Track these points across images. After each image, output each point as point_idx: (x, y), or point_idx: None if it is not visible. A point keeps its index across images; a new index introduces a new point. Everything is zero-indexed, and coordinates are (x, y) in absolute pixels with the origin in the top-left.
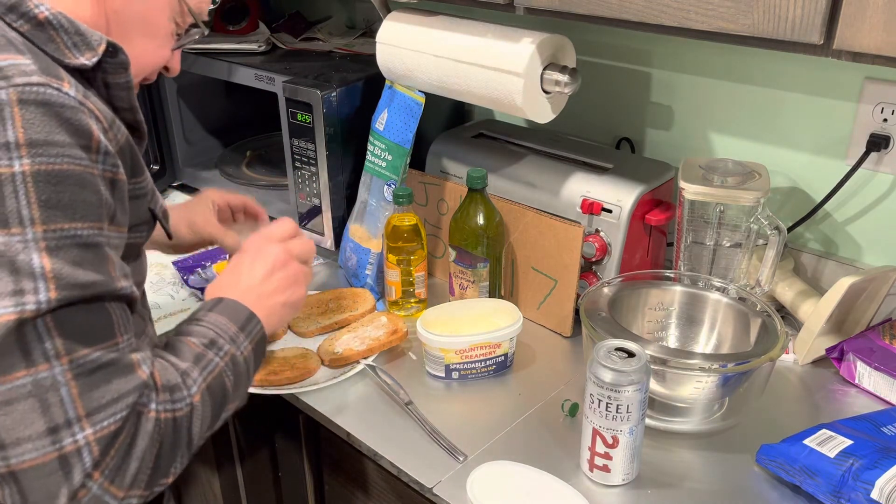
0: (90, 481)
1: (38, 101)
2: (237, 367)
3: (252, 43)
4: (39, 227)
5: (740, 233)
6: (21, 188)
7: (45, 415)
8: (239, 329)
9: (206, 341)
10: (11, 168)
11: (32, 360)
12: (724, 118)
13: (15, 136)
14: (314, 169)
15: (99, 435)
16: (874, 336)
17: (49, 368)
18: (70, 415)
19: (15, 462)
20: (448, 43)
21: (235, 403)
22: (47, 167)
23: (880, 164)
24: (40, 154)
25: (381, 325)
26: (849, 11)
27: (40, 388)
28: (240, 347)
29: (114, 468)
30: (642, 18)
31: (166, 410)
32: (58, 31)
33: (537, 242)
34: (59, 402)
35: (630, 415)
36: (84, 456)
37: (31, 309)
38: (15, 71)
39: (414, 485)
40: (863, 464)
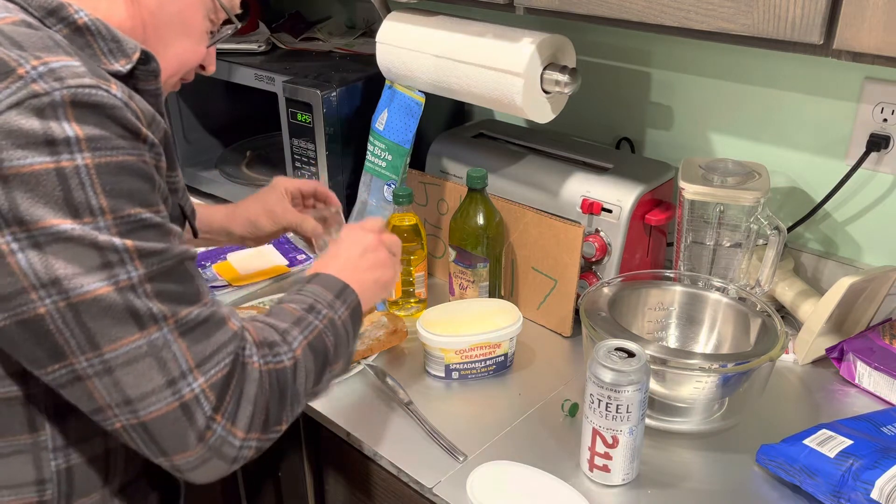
0: (214, 423)
1: (90, 102)
2: (336, 329)
3: (252, 43)
4: (109, 215)
5: (740, 233)
6: (87, 180)
7: (162, 370)
8: (335, 297)
9: (305, 306)
10: (74, 161)
11: (143, 323)
12: (724, 118)
13: (74, 132)
14: (314, 169)
15: (210, 382)
16: (874, 336)
17: (159, 329)
18: (183, 367)
19: (143, 414)
20: (448, 43)
21: (340, 364)
22: (106, 159)
23: (880, 164)
24: (98, 148)
25: (381, 325)
26: (849, 11)
27: (154, 347)
28: (337, 312)
29: (231, 411)
30: (642, 18)
31: (268, 363)
32: (95, 37)
33: (537, 242)
34: (172, 357)
35: (630, 415)
36: (202, 402)
37: (125, 279)
38: (68, 73)
39: (414, 485)
40: (863, 464)
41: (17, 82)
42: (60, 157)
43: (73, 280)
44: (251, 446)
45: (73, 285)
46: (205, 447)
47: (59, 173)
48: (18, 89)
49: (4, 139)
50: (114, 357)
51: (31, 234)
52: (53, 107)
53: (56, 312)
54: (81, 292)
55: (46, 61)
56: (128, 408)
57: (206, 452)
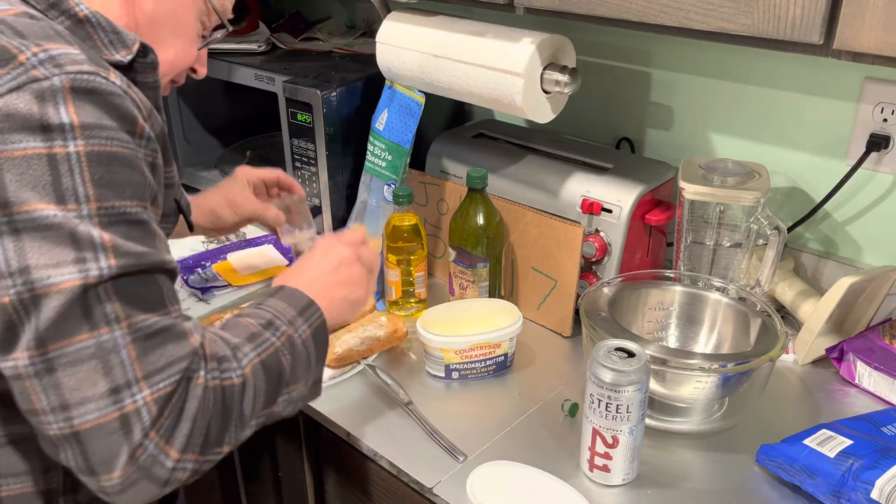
0: (147, 440)
1: (88, 88)
2: (295, 348)
3: (252, 43)
4: (94, 203)
5: (740, 233)
6: (76, 167)
7: (107, 376)
8: (297, 314)
9: (263, 322)
10: (66, 148)
11: (95, 323)
12: (724, 118)
13: (69, 119)
14: (314, 169)
15: (156, 396)
16: (874, 336)
17: (110, 332)
18: (129, 376)
19: (78, 422)
20: (448, 43)
21: (299, 386)
22: (99, 148)
23: (880, 164)
24: (92, 136)
25: (381, 325)
26: (849, 11)
27: (103, 349)
28: (297, 330)
29: (168, 428)
30: (642, 18)
31: (214, 378)
32: (95, 28)
33: (537, 242)
34: (119, 363)
35: (630, 415)
36: (143, 415)
37: (94, 275)
38: (67, 59)
39: (414, 485)
40: (863, 464)
41: (18, 68)
42: (54, 142)
43: (41, 271)
44: (186, 468)
45: (40, 276)
46: (134, 466)
47: (51, 159)
48: (19, 75)
49: (2, 122)
50: (58, 356)
51: (12, 219)
52: (53, 92)
53: (18, 302)
54: (46, 284)
55: (47, 48)
56: (63, 413)
57: (134, 472)
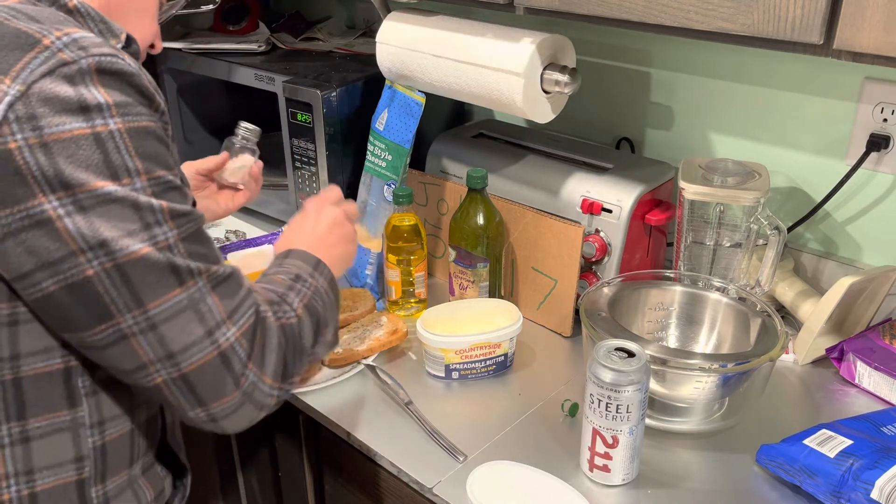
0: (247, 370)
1: (112, 69)
2: (321, 295)
3: (252, 43)
4: (143, 176)
5: (740, 233)
6: (121, 144)
7: (201, 322)
8: (313, 269)
9: (292, 276)
10: (108, 126)
11: (182, 279)
12: (724, 118)
13: (104, 98)
14: (314, 169)
15: (242, 330)
16: (874, 336)
17: (195, 284)
18: (218, 318)
19: (185, 365)
20: (448, 43)
21: (330, 329)
22: (135, 124)
23: (880, 164)
24: (127, 114)
25: (381, 325)
26: (849, 11)
27: (193, 300)
28: (318, 281)
29: (259, 359)
30: (642, 18)
31: (279, 318)
32: (85, 18)
33: (537, 242)
34: (208, 310)
35: (630, 415)
36: (237, 349)
37: (163, 239)
38: (89, 42)
39: (414, 485)
40: (863, 464)
41: (45, 52)
42: (95, 122)
43: (119, 242)
44: (275, 395)
45: (119, 247)
46: (240, 393)
47: (97, 138)
48: (47, 58)
49: (42, 106)
50: (158, 313)
51: (77, 199)
52: (82, 74)
53: (104, 273)
54: (127, 253)
55: (68, 32)
56: (170, 361)
57: (240, 398)
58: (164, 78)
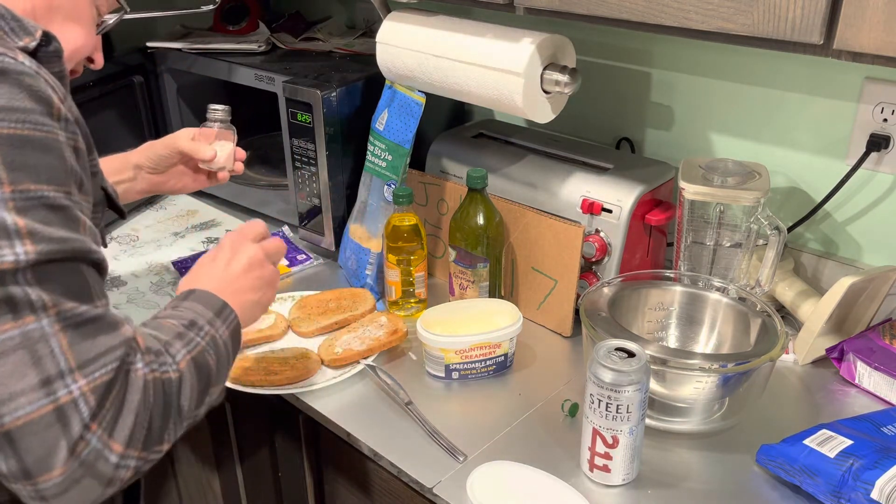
0: (88, 433)
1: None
2: (218, 348)
3: (252, 43)
4: (7, 187)
5: (740, 233)
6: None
7: (36, 366)
8: (215, 315)
9: (185, 322)
10: None
11: (19, 311)
12: (724, 118)
13: None
14: (314, 169)
15: (93, 385)
16: (874, 336)
17: (37, 320)
18: (62, 366)
19: (9, 419)
20: (448, 43)
21: (219, 388)
22: (10, 131)
23: (880, 164)
24: (3, 119)
25: (381, 325)
26: (849, 11)
27: (29, 339)
28: (218, 331)
29: (111, 420)
30: (642, 18)
31: (153, 371)
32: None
33: (537, 242)
34: (49, 353)
35: (630, 415)
36: (80, 406)
37: (10, 261)
38: None
39: (414, 485)
40: (863, 464)
41: None
42: None
43: None
44: (129, 465)
45: None
46: (76, 462)
47: None
48: None
49: None
50: None
51: None
52: None
53: None
54: None
55: None
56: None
57: (77, 470)
58: (164, 78)
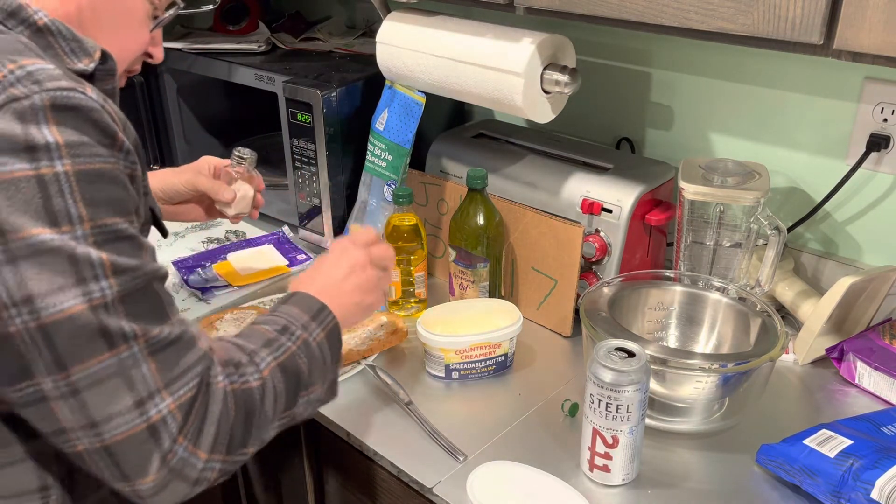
0: (176, 445)
1: (69, 105)
2: (311, 351)
3: (252, 43)
4: (87, 223)
5: (740, 233)
6: (66, 187)
7: (131, 390)
8: (311, 318)
9: (278, 327)
10: (54, 168)
11: (113, 342)
12: (724, 118)
13: (54, 138)
14: (314, 169)
15: (178, 402)
16: (874, 336)
17: (129, 349)
18: (152, 388)
19: (108, 437)
20: (448, 43)
21: (318, 388)
22: (85, 167)
23: (880, 164)
24: (78, 154)
25: (381, 325)
26: (849, 11)
27: (124, 366)
28: (312, 334)
29: (195, 431)
30: (642, 18)
31: (233, 382)
32: (56, 37)
33: (537, 242)
34: (141, 378)
35: (630, 415)
36: (169, 423)
37: (98, 296)
38: (45, 76)
39: (414, 485)
40: (863, 464)
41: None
42: (40, 163)
43: (46, 298)
44: (214, 468)
45: (46, 304)
46: (166, 470)
47: (39, 180)
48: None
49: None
50: (81, 378)
51: (8, 248)
52: (34, 111)
53: (26, 333)
54: (53, 311)
55: (22, 64)
56: (93, 430)
57: (167, 475)
58: (164, 78)
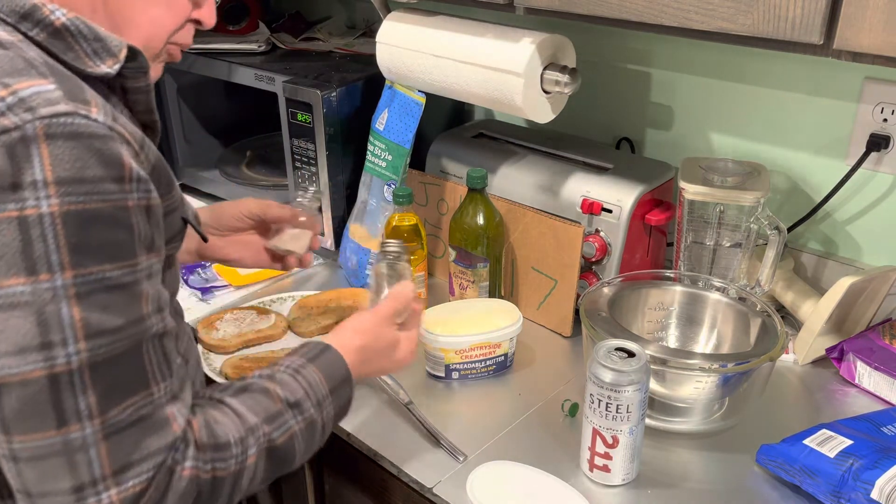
0: None
1: (66, 133)
2: (313, 433)
3: (252, 43)
4: (69, 272)
5: (740, 233)
6: (49, 231)
7: (71, 473)
8: (329, 391)
9: (291, 400)
10: (38, 209)
11: (65, 419)
12: (724, 118)
13: (43, 174)
14: (314, 169)
15: (123, 496)
16: (874, 336)
17: (80, 429)
18: (96, 474)
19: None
20: (448, 43)
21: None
22: (77, 207)
23: (880, 164)
24: (69, 193)
25: None
26: (849, 11)
27: (70, 447)
28: (323, 412)
29: None
30: (642, 18)
31: (205, 470)
32: (76, 37)
33: (537, 242)
34: (87, 461)
35: (630, 415)
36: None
37: (62, 363)
38: (40, 100)
39: (414, 485)
40: (863, 464)
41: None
42: (25, 203)
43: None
44: None
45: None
46: None
47: (21, 222)
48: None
49: None
50: (21, 449)
51: None
52: (25, 142)
53: None
54: (7, 373)
55: (15, 90)
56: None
57: None
58: (163, 78)
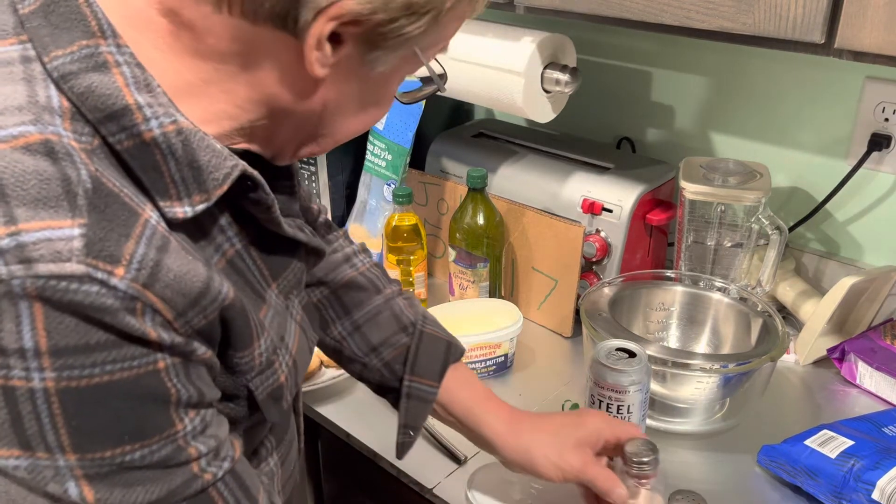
0: None
1: (64, 302)
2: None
3: None
4: (71, 455)
5: (741, 233)
6: (43, 409)
7: None
8: None
9: None
10: (30, 382)
11: None
12: (725, 117)
13: (34, 341)
14: (314, 169)
15: None
16: (875, 336)
17: None
18: None
19: None
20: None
21: None
22: (77, 383)
23: (881, 163)
24: (68, 366)
25: None
26: (850, 11)
27: None
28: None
29: None
30: (643, 17)
31: None
32: (166, 156)
33: (537, 242)
34: None
35: (631, 415)
36: None
37: None
38: (44, 251)
39: (414, 485)
40: (864, 464)
41: None
42: (10, 371)
43: None
44: None
45: None
46: None
47: (7, 392)
48: None
49: None
50: None
51: None
52: (12, 299)
53: None
54: None
55: (19, 229)
56: None
57: None
58: None
